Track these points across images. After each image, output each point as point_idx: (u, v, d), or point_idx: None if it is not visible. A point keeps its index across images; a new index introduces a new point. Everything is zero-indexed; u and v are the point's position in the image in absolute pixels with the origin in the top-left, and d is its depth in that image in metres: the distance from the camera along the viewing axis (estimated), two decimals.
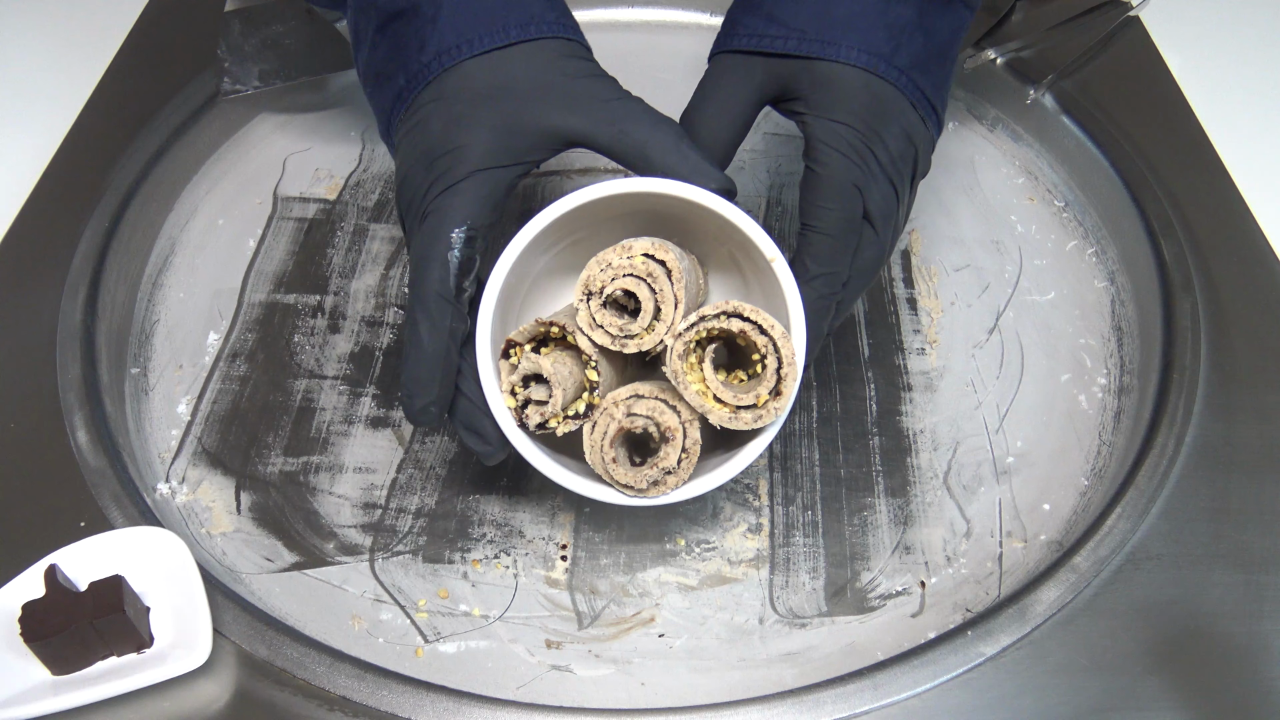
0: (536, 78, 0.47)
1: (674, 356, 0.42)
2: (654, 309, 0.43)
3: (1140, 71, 0.73)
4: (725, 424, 0.42)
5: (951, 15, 0.51)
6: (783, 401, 0.42)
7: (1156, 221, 0.61)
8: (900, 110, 0.48)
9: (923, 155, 0.50)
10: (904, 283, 0.63)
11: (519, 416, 0.44)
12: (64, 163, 0.65)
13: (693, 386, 0.42)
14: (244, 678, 0.44)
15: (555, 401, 0.43)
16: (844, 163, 0.47)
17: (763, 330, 0.42)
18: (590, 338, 0.43)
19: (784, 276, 0.44)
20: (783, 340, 0.42)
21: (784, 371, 0.42)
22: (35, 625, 0.42)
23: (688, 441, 0.43)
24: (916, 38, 0.49)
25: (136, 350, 0.59)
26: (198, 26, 0.73)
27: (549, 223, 0.44)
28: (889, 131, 0.47)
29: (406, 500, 0.53)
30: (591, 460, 0.44)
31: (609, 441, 0.43)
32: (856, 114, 0.47)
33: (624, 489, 0.44)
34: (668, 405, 0.43)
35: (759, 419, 0.42)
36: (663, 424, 0.43)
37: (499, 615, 0.49)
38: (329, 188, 0.69)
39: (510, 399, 0.44)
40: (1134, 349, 0.59)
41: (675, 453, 0.43)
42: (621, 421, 0.43)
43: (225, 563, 0.51)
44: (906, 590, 0.50)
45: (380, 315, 0.61)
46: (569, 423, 0.43)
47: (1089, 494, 0.53)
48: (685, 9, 0.80)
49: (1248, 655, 0.45)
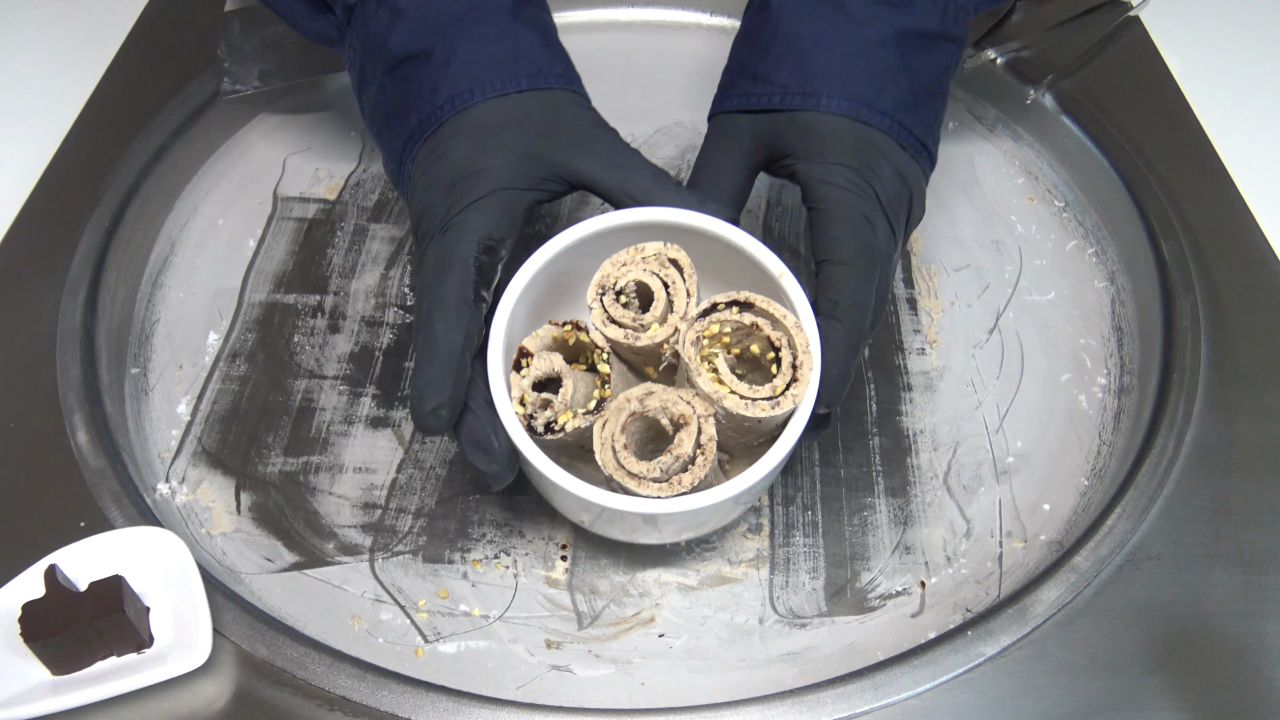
0: (549, 119, 0.49)
1: (687, 344, 0.42)
2: (666, 300, 0.43)
3: (1140, 71, 0.73)
4: (741, 411, 0.41)
5: (937, 53, 0.52)
6: (800, 388, 0.41)
7: (1156, 221, 0.61)
8: (889, 151, 0.49)
9: (916, 198, 0.50)
10: (904, 283, 0.63)
11: (527, 423, 0.42)
12: (64, 163, 0.65)
13: (707, 375, 0.42)
14: (244, 678, 0.44)
15: (566, 392, 0.42)
16: (846, 195, 0.47)
17: (775, 323, 0.42)
18: (604, 333, 0.43)
19: (793, 290, 0.44)
20: (796, 330, 0.42)
21: (800, 360, 0.41)
22: (35, 625, 0.42)
23: (703, 438, 0.41)
24: (900, 80, 0.50)
25: (136, 350, 0.59)
26: (198, 26, 0.73)
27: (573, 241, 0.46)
28: (881, 172, 0.48)
29: (406, 500, 0.53)
30: (602, 459, 0.41)
31: (620, 428, 0.41)
32: (847, 156, 0.48)
33: (635, 479, 0.41)
34: (683, 400, 0.42)
35: (776, 406, 0.41)
36: (676, 412, 0.41)
37: (499, 615, 0.49)
38: (329, 188, 0.69)
39: (520, 407, 0.43)
40: (1134, 349, 0.59)
41: (690, 440, 0.41)
42: (634, 408, 0.42)
43: (225, 563, 0.51)
44: (906, 590, 0.50)
45: (380, 315, 0.61)
46: (580, 418, 0.42)
47: (1089, 494, 0.53)
48: (685, 9, 0.80)
49: (1248, 655, 0.45)
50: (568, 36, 0.55)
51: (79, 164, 0.65)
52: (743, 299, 0.42)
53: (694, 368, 0.42)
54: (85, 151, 0.66)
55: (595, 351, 0.44)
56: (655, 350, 0.44)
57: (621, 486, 0.41)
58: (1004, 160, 0.71)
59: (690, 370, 0.42)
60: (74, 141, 0.66)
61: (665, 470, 0.41)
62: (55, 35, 0.79)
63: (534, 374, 0.43)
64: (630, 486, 0.41)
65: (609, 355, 0.44)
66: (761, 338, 0.43)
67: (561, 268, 0.47)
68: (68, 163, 0.65)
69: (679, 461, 0.41)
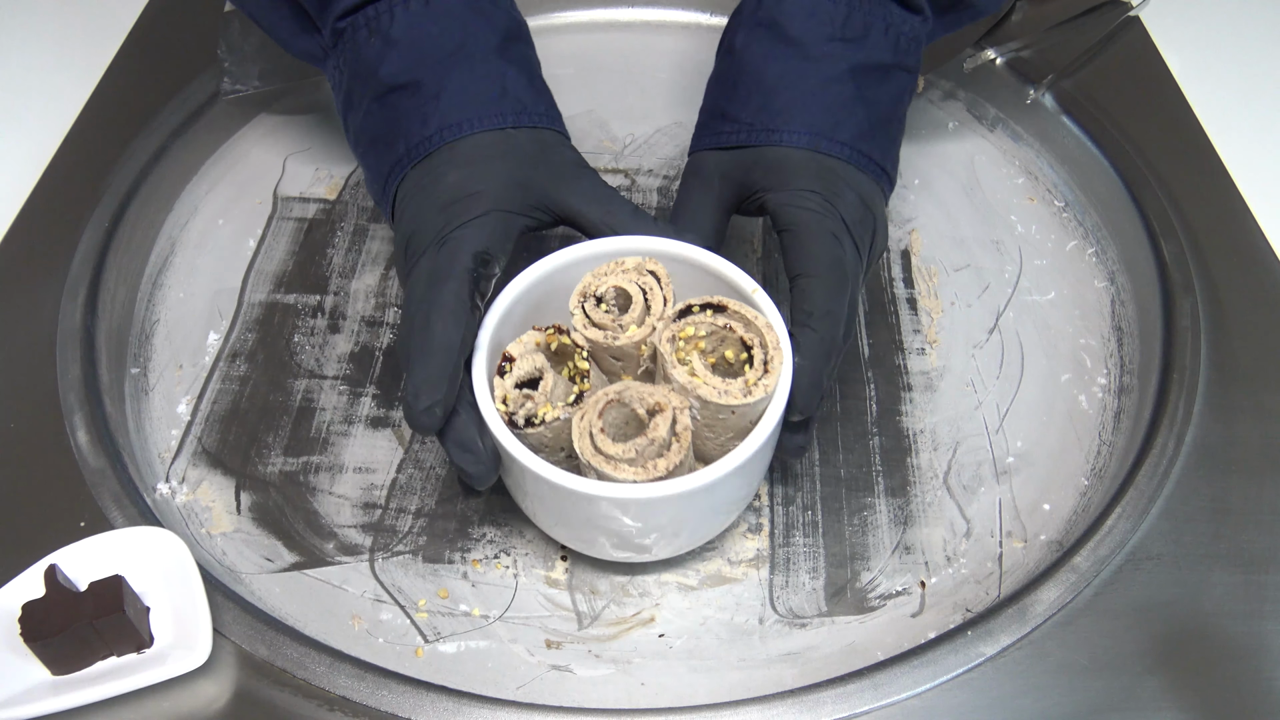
0: (536, 154, 0.51)
1: (664, 340, 0.44)
2: (644, 304, 0.46)
3: (1140, 71, 0.73)
4: (715, 399, 0.42)
5: (891, 83, 0.55)
6: (772, 379, 0.43)
7: (1156, 221, 0.61)
8: (850, 177, 0.52)
9: (880, 224, 0.52)
10: (904, 283, 0.63)
11: (508, 418, 0.44)
12: (64, 163, 0.65)
13: (682, 368, 0.43)
14: (244, 678, 0.44)
15: (546, 384, 0.44)
16: (815, 215, 0.49)
17: (748, 325, 0.44)
18: (585, 334, 0.46)
19: (765, 303, 0.46)
20: (767, 330, 0.44)
21: (770, 355, 0.43)
22: (35, 625, 0.42)
23: (678, 426, 0.42)
24: (857, 111, 0.53)
25: (136, 350, 0.59)
26: (198, 26, 0.73)
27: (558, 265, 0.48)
28: (844, 196, 0.50)
29: (406, 500, 0.53)
30: (580, 447, 0.42)
31: (598, 414, 0.43)
32: (813, 182, 0.50)
33: (611, 462, 0.42)
34: (659, 392, 0.43)
35: (749, 394, 0.42)
36: (652, 401, 0.43)
37: (499, 615, 0.49)
38: (329, 188, 0.69)
39: (502, 406, 0.44)
40: (1134, 349, 0.59)
41: (665, 424, 0.42)
42: (611, 397, 0.43)
43: (225, 563, 0.51)
44: (906, 590, 0.50)
45: (380, 315, 0.61)
46: (560, 409, 0.43)
47: (1089, 494, 0.53)
48: (685, 9, 0.80)
49: (1248, 655, 0.45)
50: (568, 36, 0.56)
51: (79, 164, 0.65)
52: (716, 302, 0.45)
53: (670, 360, 0.43)
54: (85, 151, 0.66)
55: (576, 351, 0.45)
56: (634, 353, 0.46)
57: (598, 473, 0.42)
58: (1004, 160, 0.71)
59: (666, 363, 0.43)
60: (74, 141, 0.66)
61: (640, 452, 0.42)
62: (55, 35, 0.79)
63: (517, 374, 0.44)
64: (606, 470, 0.42)
65: (589, 354, 0.45)
66: (735, 340, 0.45)
67: (546, 290, 0.49)
68: (68, 163, 0.65)
69: (654, 445, 0.42)
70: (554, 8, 0.80)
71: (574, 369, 0.45)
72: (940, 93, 0.75)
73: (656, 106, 0.74)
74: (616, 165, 0.70)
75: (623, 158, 0.71)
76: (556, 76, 0.56)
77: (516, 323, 0.48)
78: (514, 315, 0.48)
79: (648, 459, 0.42)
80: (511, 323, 0.48)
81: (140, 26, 0.75)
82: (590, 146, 0.71)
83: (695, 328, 0.44)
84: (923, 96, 0.75)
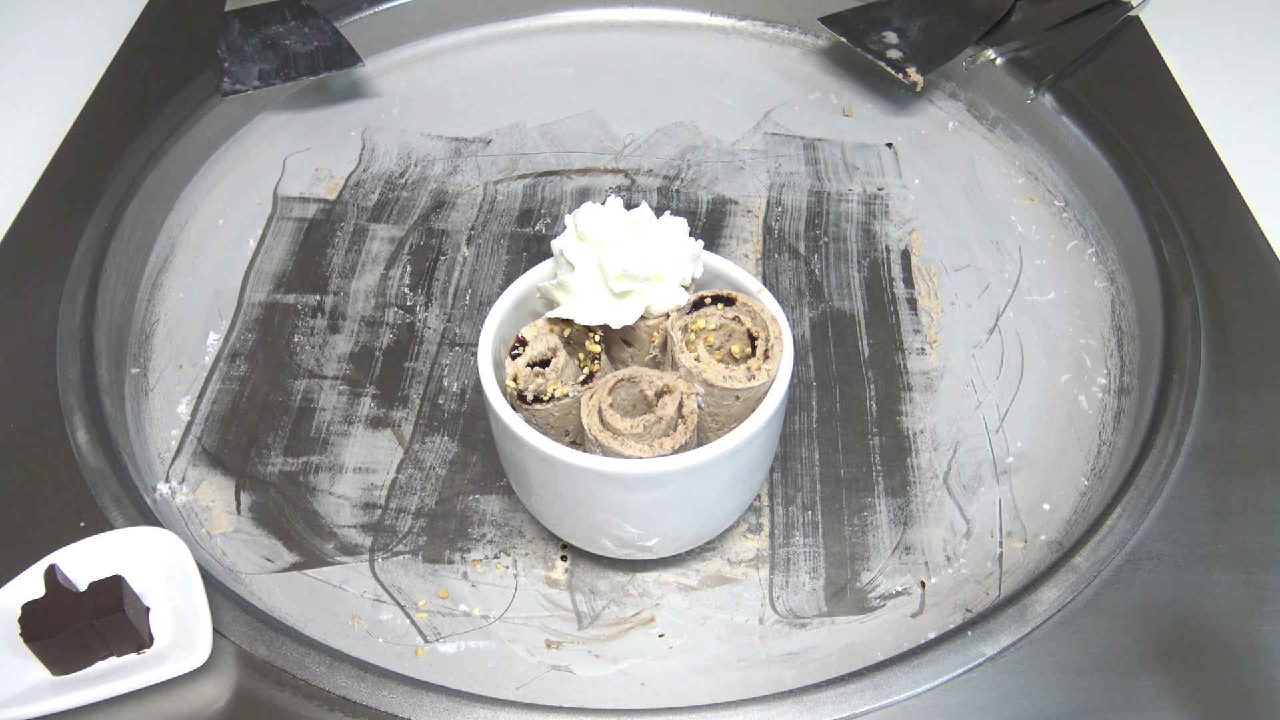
0: None
1: (675, 328, 0.45)
2: None
3: (1140, 71, 0.73)
4: (721, 383, 0.44)
5: None
6: (773, 364, 0.44)
7: (1156, 221, 0.61)
8: None
9: None
10: (904, 283, 0.63)
11: (517, 394, 0.44)
12: (64, 163, 0.65)
13: (689, 354, 0.45)
14: (244, 678, 0.44)
15: (557, 362, 0.45)
16: None
17: (755, 317, 0.46)
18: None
19: (770, 301, 0.47)
20: (771, 322, 0.46)
21: (772, 344, 0.45)
22: (35, 625, 0.42)
23: (685, 410, 0.44)
24: None
25: (136, 350, 0.59)
26: (198, 26, 0.73)
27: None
28: None
29: (406, 500, 0.53)
30: (588, 423, 0.43)
31: (607, 392, 0.44)
32: None
33: (618, 438, 0.42)
34: (668, 377, 0.45)
35: (752, 379, 0.44)
36: (661, 384, 0.44)
37: (499, 615, 0.49)
38: (329, 188, 0.69)
39: (512, 384, 0.45)
40: (1134, 349, 0.59)
41: (673, 405, 0.44)
42: (620, 375, 0.45)
43: (225, 563, 0.51)
44: (906, 590, 0.50)
45: (380, 315, 0.61)
46: (570, 386, 0.44)
47: (1089, 494, 0.53)
48: (685, 9, 0.80)
49: (1248, 655, 0.45)
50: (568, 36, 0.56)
51: (79, 164, 0.65)
52: (725, 295, 0.47)
53: (679, 345, 0.45)
54: (85, 151, 0.66)
55: (589, 336, 0.46)
56: (645, 339, 0.46)
57: (604, 449, 0.42)
58: (1004, 160, 0.71)
59: (675, 348, 0.45)
60: (74, 141, 0.66)
61: (648, 429, 0.43)
62: (55, 35, 0.79)
63: (530, 355, 0.45)
64: (613, 446, 0.42)
65: (600, 338, 0.46)
66: (742, 334, 0.46)
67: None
68: (68, 162, 0.65)
69: (661, 424, 0.43)
70: (554, 8, 0.80)
71: (585, 355, 0.46)
72: (940, 93, 0.75)
73: (656, 106, 0.74)
74: (616, 165, 0.70)
75: (623, 158, 0.71)
76: (556, 76, 0.56)
77: (524, 318, 0.49)
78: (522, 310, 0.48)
79: (655, 436, 0.43)
80: (519, 318, 0.48)
81: (140, 26, 0.75)
82: (590, 146, 0.71)
83: (706, 320, 0.46)
84: (923, 96, 0.75)
